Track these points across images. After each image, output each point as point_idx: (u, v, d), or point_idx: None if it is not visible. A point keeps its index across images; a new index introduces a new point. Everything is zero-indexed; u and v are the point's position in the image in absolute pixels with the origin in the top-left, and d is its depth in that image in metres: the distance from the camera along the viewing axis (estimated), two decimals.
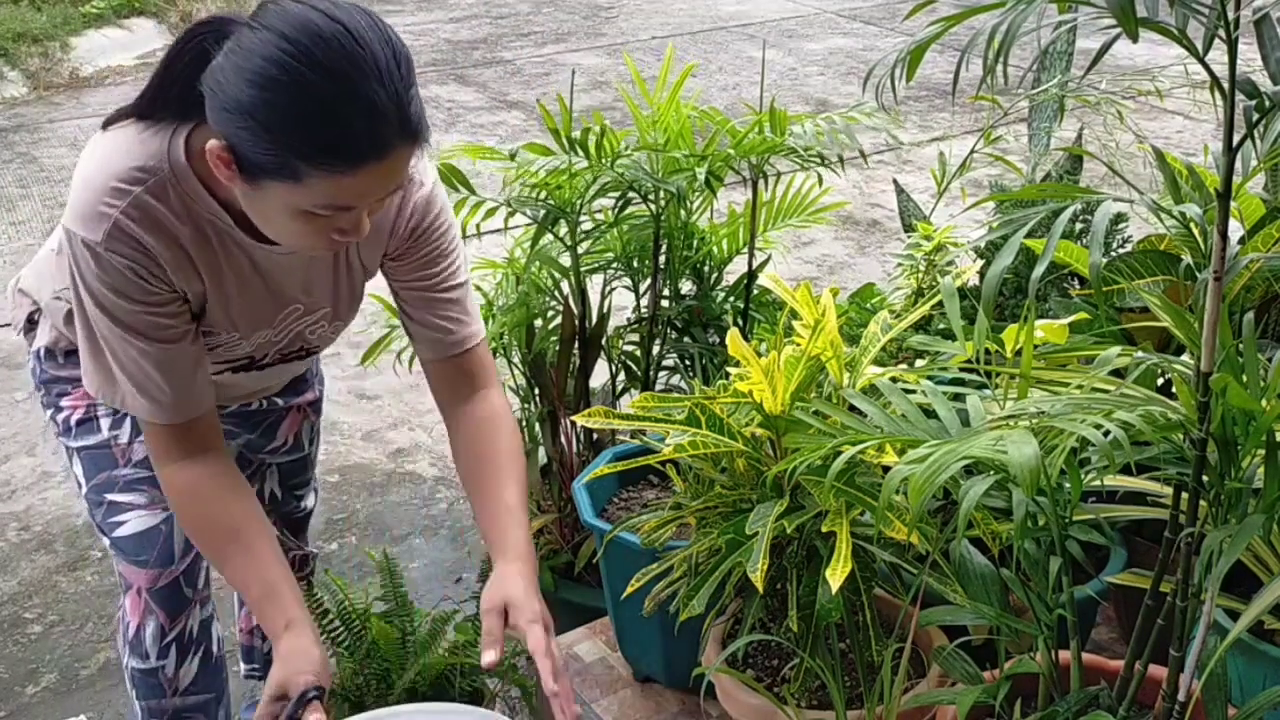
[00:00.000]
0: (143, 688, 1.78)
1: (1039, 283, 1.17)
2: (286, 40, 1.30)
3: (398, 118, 1.35)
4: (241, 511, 1.63)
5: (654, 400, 1.62)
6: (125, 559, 1.74)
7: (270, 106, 1.31)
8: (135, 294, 1.50)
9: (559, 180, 2.12)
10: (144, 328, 1.52)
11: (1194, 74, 1.16)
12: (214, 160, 1.37)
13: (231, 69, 1.32)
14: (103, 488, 1.76)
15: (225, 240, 1.54)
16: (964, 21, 1.13)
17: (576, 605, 2.23)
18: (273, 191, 1.37)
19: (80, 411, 1.78)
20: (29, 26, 6.96)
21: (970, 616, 1.46)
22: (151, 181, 1.46)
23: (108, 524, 1.76)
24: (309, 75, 1.29)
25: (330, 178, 1.34)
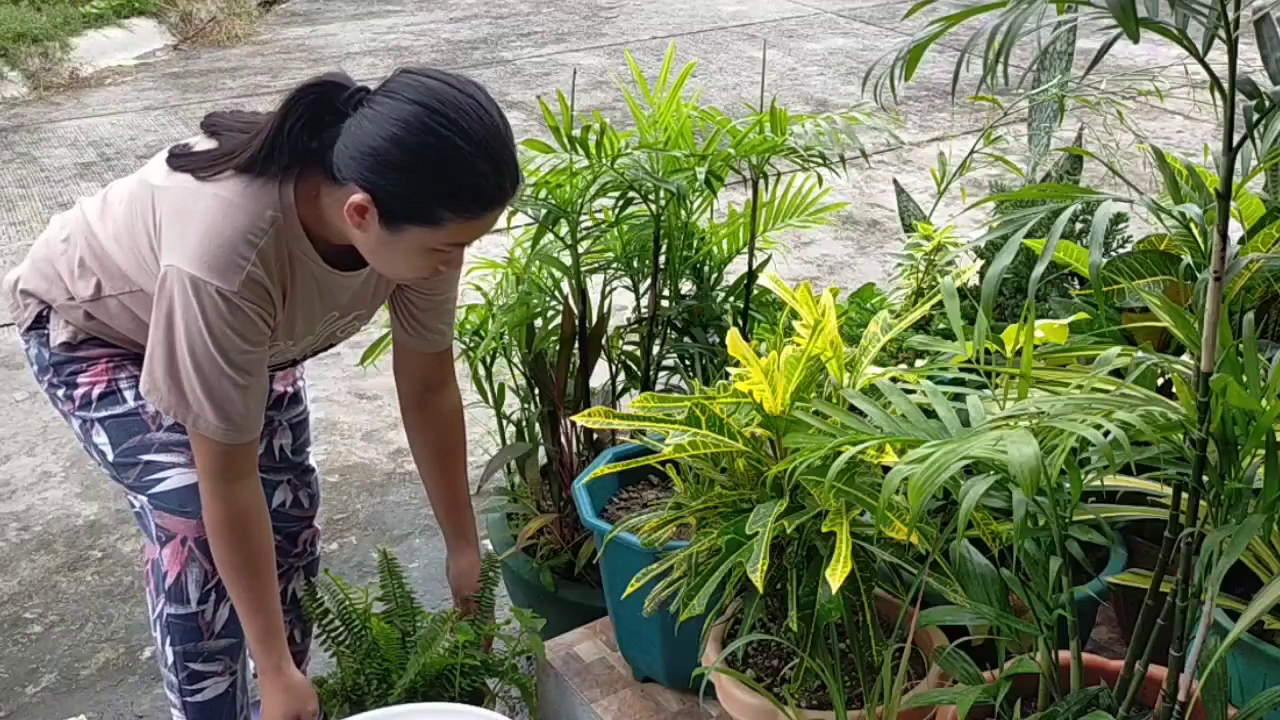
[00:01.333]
0: (179, 633, 1.91)
1: (1039, 283, 1.18)
2: (433, 110, 1.57)
3: (514, 171, 1.66)
4: (267, 546, 1.84)
5: (654, 400, 1.62)
6: (168, 512, 1.86)
7: (421, 163, 1.58)
8: (252, 335, 1.70)
9: (559, 179, 2.12)
10: (246, 364, 1.71)
11: (1194, 74, 1.16)
12: (351, 211, 1.61)
13: (379, 133, 1.58)
14: (136, 449, 1.87)
15: (302, 267, 1.74)
16: (964, 21, 1.13)
17: (576, 605, 2.23)
18: (411, 234, 1.63)
19: (102, 385, 1.88)
20: (29, 26, 6.96)
21: (970, 616, 1.46)
22: (272, 232, 1.67)
23: (144, 481, 1.87)
24: (455, 139, 1.57)
25: (463, 222, 1.63)
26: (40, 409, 3.53)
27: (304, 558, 2.28)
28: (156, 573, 1.90)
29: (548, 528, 2.33)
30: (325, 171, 1.64)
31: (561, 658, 2.04)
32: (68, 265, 1.86)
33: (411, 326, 1.99)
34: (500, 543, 2.40)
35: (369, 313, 1.97)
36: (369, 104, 1.60)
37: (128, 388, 1.87)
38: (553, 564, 2.31)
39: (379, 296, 1.94)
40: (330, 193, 1.65)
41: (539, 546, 2.34)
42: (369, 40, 7.79)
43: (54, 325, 1.90)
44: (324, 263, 1.76)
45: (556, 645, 2.08)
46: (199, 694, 1.96)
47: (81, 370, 1.89)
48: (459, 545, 2.16)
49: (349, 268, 1.79)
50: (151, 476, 1.86)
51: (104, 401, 1.88)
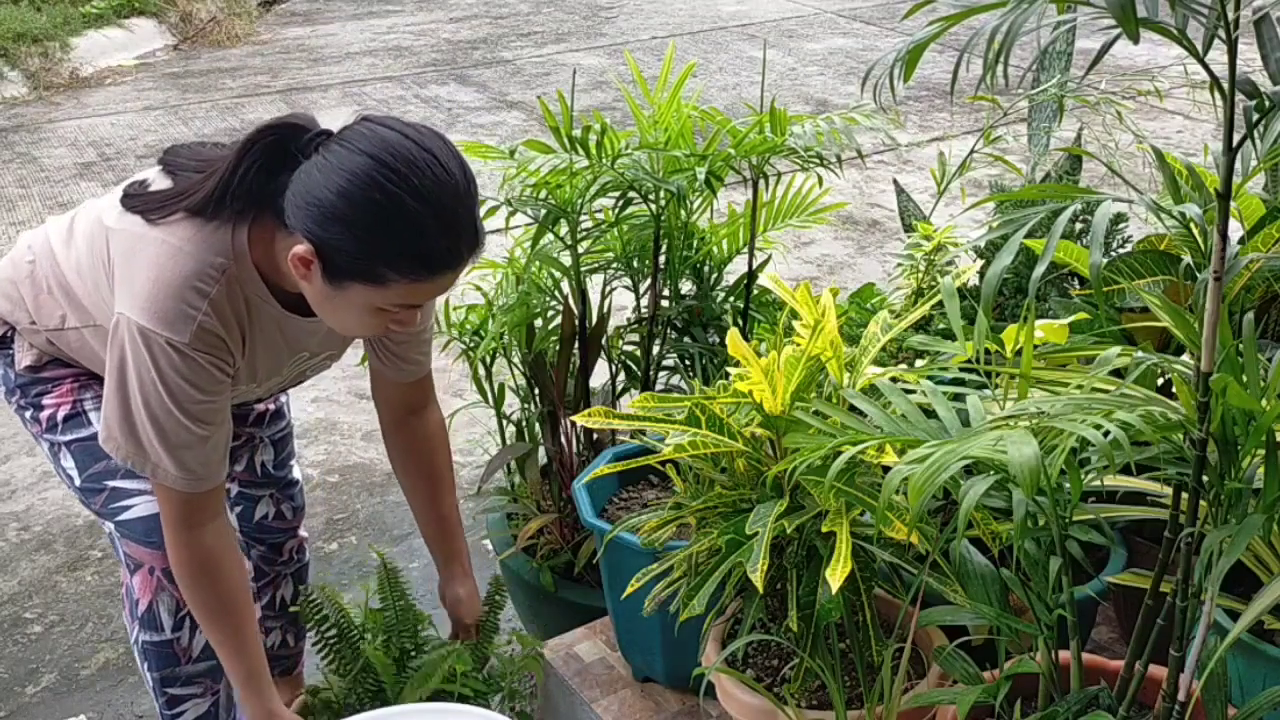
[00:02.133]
0: (156, 659, 1.87)
1: (1039, 283, 1.18)
2: (383, 164, 1.48)
3: (472, 234, 1.55)
4: (241, 587, 1.77)
5: (654, 400, 1.62)
6: (134, 541, 1.81)
7: (366, 221, 1.48)
8: (207, 385, 1.63)
9: (559, 179, 2.12)
10: (203, 414, 1.64)
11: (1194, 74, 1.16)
12: (295, 262, 1.53)
13: (326, 184, 1.49)
14: (102, 475, 1.81)
15: (261, 312, 1.68)
16: (964, 21, 1.13)
17: (576, 605, 2.23)
18: (354, 291, 1.54)
19: (66, 407, 1.83)
20: (29, 26, 6.96)
21: (970, 616, 1.46)
22: (223, 279, 1.59)
23: (110, 509, 1.82)
24: (403, 196, 1.47)
25: (411, 284, 1.53)
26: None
27: (291, 564, 2.27)
28: (130, 599, 1.86)
29: (548, 528, 2.33)
30: (278, 217, 1.56)
31: (561, 658, 2.04)
32: (32, 290, 1.80)
33: (387, 358, 1.93)
34: (500, 543, 2.40)
35: (339, 353, 1.93)
36: (323, 151, 1.52)
37: (93, 409, 1.82)
38: (553, 564, 2.31)
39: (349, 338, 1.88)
40: (282, 239, 1.58)
41: (539, 546, 2.34)
42: (369, 40, 7.79)
43: (18, 347, 1.85)
44: (283, 308, 1.68)
45: (556, 645, 2.08)
46: (181, 716, 1.92)
47: (47, 391, 1.84)
48: (453, 572, 2.07)
49: (310, 313, 1.70)
50: (117, 504, 1.81)
51: (69, 424, 1.83)
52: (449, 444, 2.08)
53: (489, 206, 2.16)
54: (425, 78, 6.83)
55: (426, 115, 6.12)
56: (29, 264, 1.82)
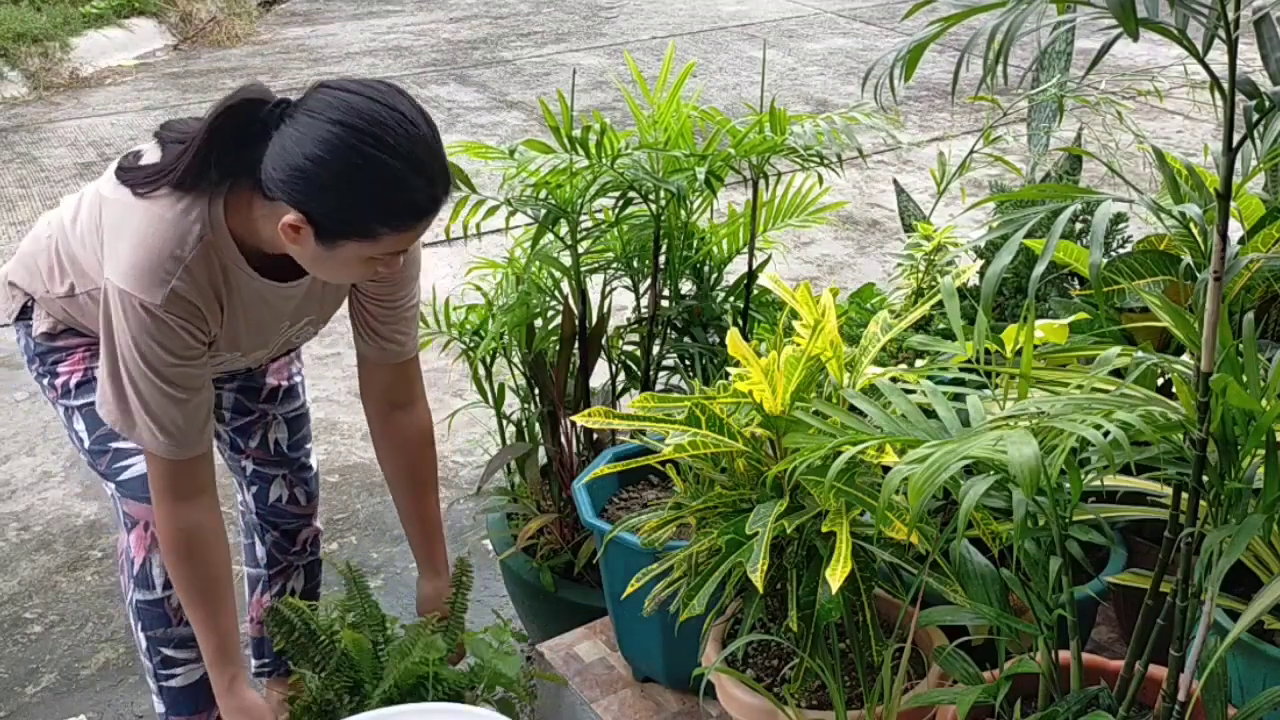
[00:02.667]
0: (148, 618, 1.96)
1: (1039, 283, 1.18)
2: (355, 130, 1.55)
3: (445, 178, 1.65)
4: (223, 564, 1.85)
5: (654, 400, 1.62)
6: (132, 498, 1.91)
7: (351, 185, 1.57)
8: (179, 349, 1.70)
9: (559, 179, 2.12)
10: (177, 378, 1.71)
11: (1194, 74, 1.16)
12: (285, 230, 1.61)
13: (305, 155, 1.56)
14: (107, 438, 1.92)
15: (239, 280, 1.75)
16: (964, 21, 1.13)
17: (576, 605, 2.23)
18: (347, 249, 1.64)
19: (79, 374, 1.95)
20: (29, 26, 6.96)
21: (970, 616, 1.46)
22: (199, 247, 1.68)
23: (113, 469, 1.92)
24: (382, 157, 1.56)
25: (399, 234, 1.63)
26: (40, 409, 3.53)
27: (304, 556, 2.29)
28: (126, 558, 1.95)
29: (548, 528, 2.33)
30: (256, 186, 1.63)
31: (561, 658, 2.04)
32: (47, 261, 1.91)
33: (371, 337, 1.98)
34: (500, 543, 2.40)
35: (321, 318, 1.97)
36: (290, 121, 1.59)
37: None
38: (553, 564, 2.31)
39: (329, 301, 1.94)
40: (262, 207, 1.65)
41: (539, 546, 2.34)
42: (369, 40, 7.79)
43: (36, 316, 1.96)
44: (261, 276, 1.75)
45: (556, 645, 2.08)
46: (172, 679, 1.99)
47: (61, 360, 1.95)
48: (429, 573, 2.17)
49: (287, 278, 1.78)
50: (119, 464, 1.91)
51: (81, 390, 1.93)
52: (435, 446, 2.12)
53: (489, 206, 2.17)
54: (425, 78, 6.83)
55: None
56: (47, 238, 1.92)
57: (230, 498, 2.38)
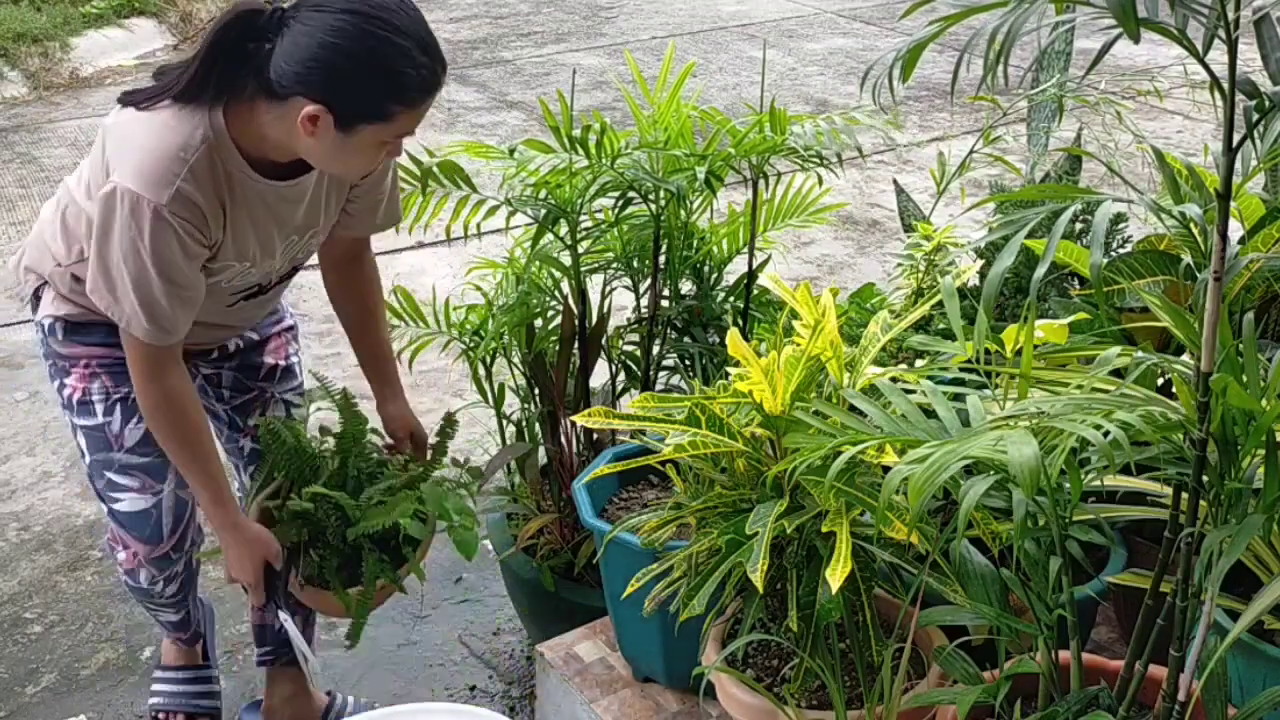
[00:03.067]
0: (138, 594, 2.19)
1: (1039, 283, 1.18)
2: (365, 15, 1.67)
3: (442, 57, 1.75)
4: (201, 419, 1.98)
5: (654, 400, 1.62)
6: (121, 527, 2.07)
7: (367, 68, 1.69)
8: (182, 250, 1.79)
9: (559, 179, 2.12)
10: (176, 276, 1.80)
11: (1194, 74, 1.16)
12: (304, 123, 1.71)
13: (317, 45, 1.68)
14: (102, 465, 2.04)
15: (245, 187, 1.84)
16: (963, 21, 1.13)
17: (576, 605, 2.23)
18: (365, 133, 1.74)
19: (79, 394, 2.03)
20: (29, 26, 6.96)
21: (970, 616, 1.46)
22: (203, 150, 1.77)
23: (108, 495, 2.06)
24: (391, 38, 1.69)
25: (410, 111, 1.75)
26: (40, 409, 3.53)
27: None
28: (115, 555, 2.14)
29: (548, 528, 2.33)
30: (262, 92, 1.74)
31: (561, 658, 2.04)
32: (53, 231, 1.98)
33: (353, 219, 2.08)
34: (500, 543, 2.40)
35: (324, 230, 2.06)
36: (296, 20, 1.69)
37: (99, 401, 2.02)
38: (553, 564, 2.31)
39: (331, 211, 2.02)
40: (271, 109, 1.75)
41: (539, 546, 2.34)
42: None
43: (45, 299, 2.03)
44: (264, 178, 1.85)
45: (556, 645, 2.08)
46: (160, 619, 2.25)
47: (68, 371, 2.04)
48: (386, 394, 2.29)
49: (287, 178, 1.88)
50: (112, 494, 2.04)
51: (80, 410, 2.04)
52: (381, 286, 2.26)
53: (489, 206, 2.17)
54: None
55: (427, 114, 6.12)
56: (55, 210, 2.00)
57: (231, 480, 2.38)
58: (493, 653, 2.63)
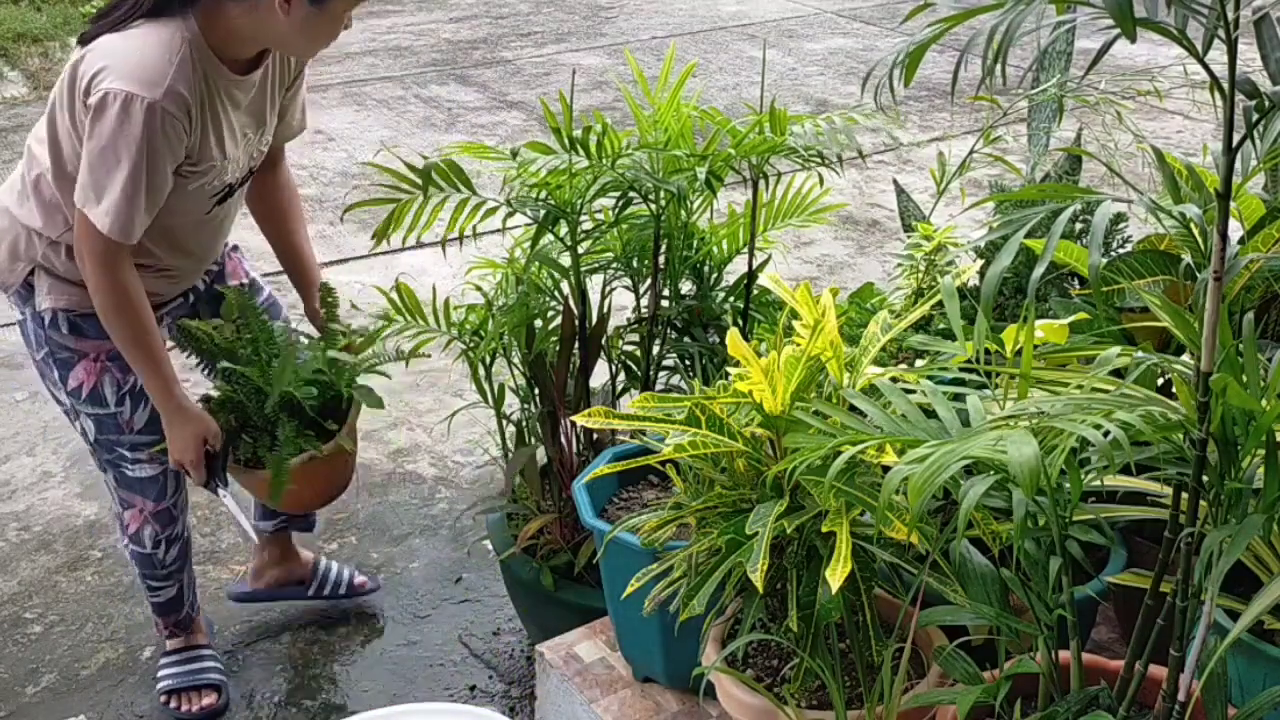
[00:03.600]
0: (140, 563, 2.41)
1: (1039, 283, 1.18)
2: None
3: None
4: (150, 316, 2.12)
5: (654, 400, 1.62)
6: (131, 492, 2.31)
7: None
8: (163, 143, 1.96)
9: (559, 180, 2.11)
10: (157, 171, 1.98)
11: (1194, 74, 1.16)
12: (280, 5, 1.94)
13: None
14: (112, 444, 2.27)
15: (218, 84, 2.05)
16: (964, 21, 1.13)
17: (576, 605, 2.23)
18: (334, 7, 2.00)
19: (89, 386, 2.21)
20: (29, 26, 6.96)
21: (970, 616, 1.46)
22: (184, 51, 1.97)
23: (118, 467, 2.29)
24: None
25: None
26: (40, 409, 3.53)
27: None
28: (121, 520, 2.37)
29: (548, 528, 2.33)
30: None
31: (561, 658, 2.04)
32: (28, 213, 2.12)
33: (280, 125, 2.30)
34: (500, 543, 2.40)
35: (269, 130, 2.26)
36: None
37: (110, 393, 2.21)
38: (553, 564, 2.30)
39: (273, 112, 2.23)
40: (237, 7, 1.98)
41: (539, 546, 2.34)
42: (369, 40, 7.78)
43: (40, 287, 2.16)
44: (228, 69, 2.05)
45: (556, 645, 2.08)
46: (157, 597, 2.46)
47: (73, 364, 2.19)
48: (310, 295, 2.46)
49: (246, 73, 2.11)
50: (123, 465, 2.28)
51: (90, 400, 2.22)
52: (298, 191, 2.50)
53: (489, 207, 2.17)
54: (425, 77, 6.83)
55: (427, 115, 6.12)
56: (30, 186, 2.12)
57: None
58: (493, 653, 2.63)
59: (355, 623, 2.72)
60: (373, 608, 2.76)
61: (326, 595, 2.72)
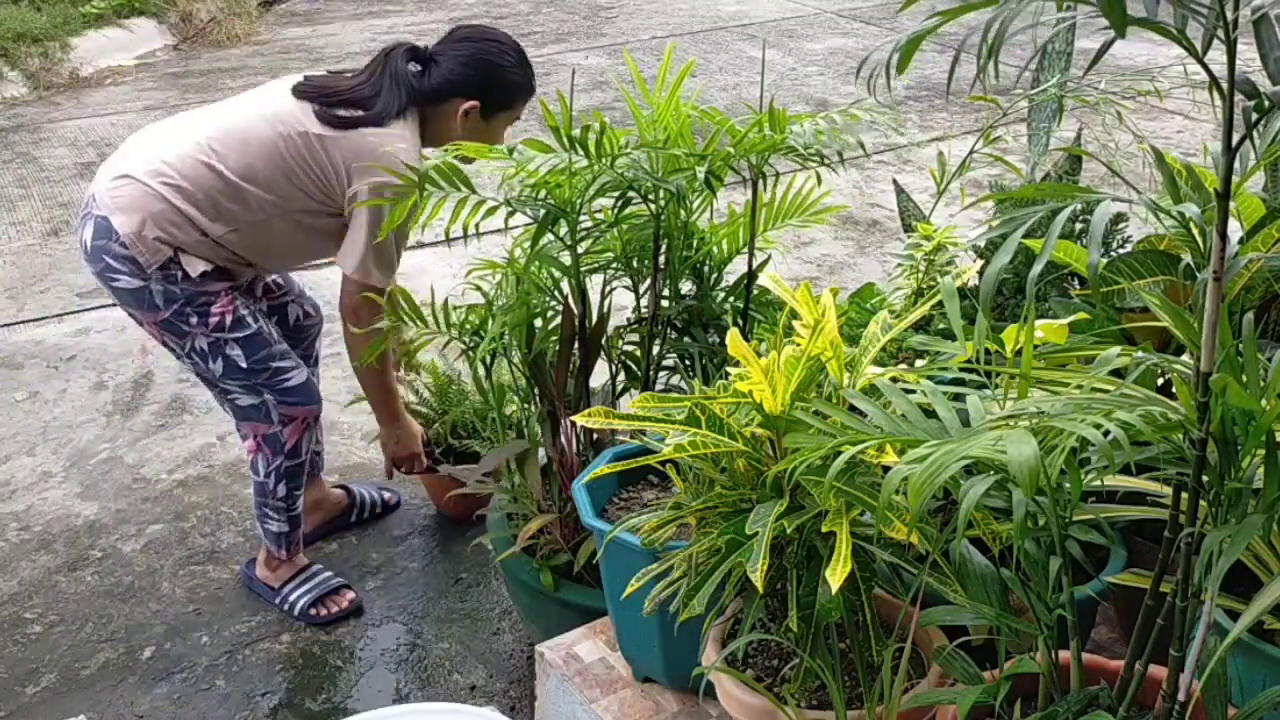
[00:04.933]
0: (290, 478, 2.67)
1: (1038, 282, 1.17)
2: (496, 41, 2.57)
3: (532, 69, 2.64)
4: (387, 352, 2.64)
5: (654, 400, 1.62)
6: (293, 403, 2.60)
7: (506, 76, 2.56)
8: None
9: (558, 179, 2.11)
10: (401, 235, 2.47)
11: (1193, 74, 1.16)
12: (464, 112, 2.53)
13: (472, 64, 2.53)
14: (266, 359, 2.55)
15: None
16: (964, 20, 1.13)
17: (576, 605, 2.23)
18: (499, 120, 2.59)
19: (231, 315, 2.50)
20: (29, 26, 6.96)
21: (970, 616, 1.46)
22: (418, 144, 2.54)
23: (274, 381, 2.57)
24: (510, 56, 2.57)
25: (523, 102, 2.62)
26: (40, 409, 3.53)
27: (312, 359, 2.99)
28: (275, 442, 2.62)
29: (548, 528, 2.33)
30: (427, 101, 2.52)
31: (561, 658, 2.04)
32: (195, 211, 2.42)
33: None
34: (500, 543, 2.40)
35: None
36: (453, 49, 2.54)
37: (248, 315, 2.53)
38: (553, 564, 2.30)
39: None
40: (435, 110, 2.53)
41: (539, 546, 2.34)
42: (369, 40, 7.79)
43: (185, 262, 2.44)
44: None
45: (556, 645, 2.08)
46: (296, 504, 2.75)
47: (212, 301, 2.47)
48: None
49: None
50: (279, 377, 2.57)
51: (235, 326, 2.50)
52: None
53: (489, 206, 2.17)
54: None
55: None
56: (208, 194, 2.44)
57: None
58: (493, 653, 2.63)
59: (355, 623, 2.72)
60: (373, 608, 2.76)
61: (366, 518, 3.08)
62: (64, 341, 3.92)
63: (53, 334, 3.98)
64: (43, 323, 4.07)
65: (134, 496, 3.17)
